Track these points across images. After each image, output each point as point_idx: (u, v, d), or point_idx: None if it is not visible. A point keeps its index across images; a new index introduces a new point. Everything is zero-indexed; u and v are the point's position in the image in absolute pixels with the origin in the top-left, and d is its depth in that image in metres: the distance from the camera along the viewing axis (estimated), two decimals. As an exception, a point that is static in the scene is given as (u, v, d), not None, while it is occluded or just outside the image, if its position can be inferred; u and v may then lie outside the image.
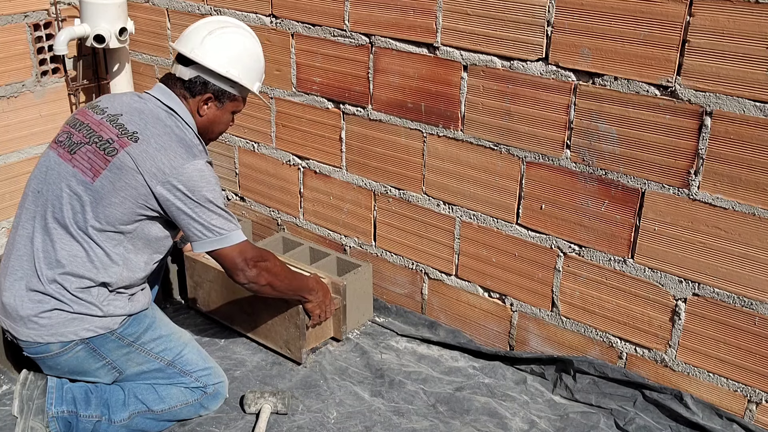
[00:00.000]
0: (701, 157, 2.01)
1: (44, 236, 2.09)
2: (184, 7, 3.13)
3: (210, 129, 2.28)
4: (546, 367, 2.47)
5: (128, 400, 2.17)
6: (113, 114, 2.14)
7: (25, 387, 2.11)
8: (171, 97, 2.19)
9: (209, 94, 2.20)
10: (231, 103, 2.26)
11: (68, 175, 2.09)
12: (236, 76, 2.19)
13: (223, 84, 2.20)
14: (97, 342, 2.11)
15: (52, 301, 2.06)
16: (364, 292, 2.78)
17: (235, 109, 2.30)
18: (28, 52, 3.13)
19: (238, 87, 2.23)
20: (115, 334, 2.14)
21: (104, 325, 2.11)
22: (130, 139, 2.07)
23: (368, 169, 2.76)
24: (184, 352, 2.27)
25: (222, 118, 2.27)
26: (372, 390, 2.44)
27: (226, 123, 2.31)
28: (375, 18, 2.52)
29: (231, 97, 2.24)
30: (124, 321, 2.15)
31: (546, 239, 2.38)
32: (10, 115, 3.14)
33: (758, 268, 2.02)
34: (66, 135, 2.16)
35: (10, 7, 3.04)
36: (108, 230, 2.07)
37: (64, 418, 2.08)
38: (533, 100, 2.26)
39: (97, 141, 2.10)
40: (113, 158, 2.05)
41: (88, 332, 2.09)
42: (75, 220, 2.07)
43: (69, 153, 2.12)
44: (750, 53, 1.86)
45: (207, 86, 2.19)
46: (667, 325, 2.23)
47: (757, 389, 2.12)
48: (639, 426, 2.23)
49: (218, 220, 2.10)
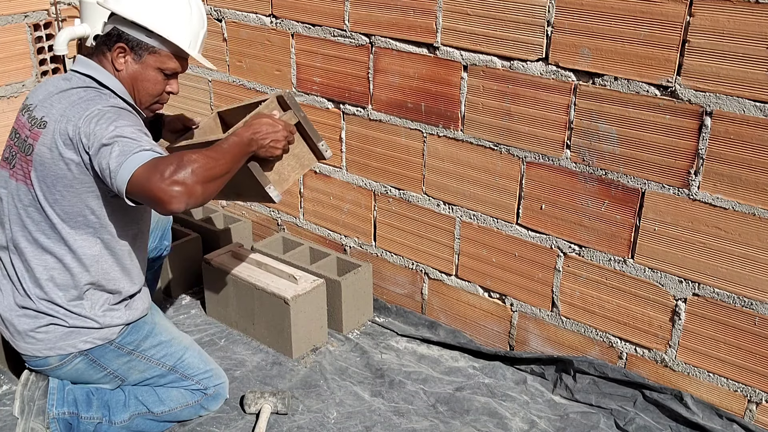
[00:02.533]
0: (701, 157, 2.01)
1: (19, 258, 2.04)
2: (184, 7, 3.13)
3: (136, 88, 2.04)
4: (546, 367, 2.47)
5: (129, 401, 2.17)
6: (31, 106, 2.01)
7: (27, 388, 2.10)
8: (88, 64, 2.02)
9: (122, 44, 1.98)
10: (152, 57, 2.01)
11: (15, 191, 2.01)
12: (148, 22, 1.95)
13: (138, 33, 1.98)
14: (97, 353, 2.09)
15: (46, 317, 2.03)
16: (364, 292, 2.78)
17: (161, 66, 2.03)
18: (28, 52, 3.14)
19: (157, 38, 1.99)
20: (114, 344, 2.11)
21: (102, 336, 2.08)
22: (40, 127, 1.94)
23: (368, 169, 2.76)
24: (185, 356, 2.24)
25: (145, 74, 2.02)
26: (372, 390, 2.44)
27: (154, 82, 2.04)
28: (375, 18, 2.52)
29: (150, 50, 2.00)
30: (123, 330, 2.12)
31: (546, 239, 2.38)
32: (10, 115, 3.14)
33: (758, 268, 2.02)
34: (8, 149, 2.07)
35: (10, 7, 3.04)
36: (80, 227, 1.98)
37: (64, 419, 2.07)
38: (533, 100, 2.26)
39: (21, 145, 1.99)
40: (32, 156, 1.94)
41: (87, 344, 2.06)
42: (42, 231, 1.99)
43: (10, 167, 2.03)
44: (750, 53, 1.86)
45: (121, 37, 1.98)
46: (667, 325, 2.23)
47: (757, 389, 2.12)
48: (639, 426, 2.23)
49: (118, 147, 1.81)
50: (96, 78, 2.00)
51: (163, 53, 2.02)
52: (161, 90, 2.08)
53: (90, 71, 2.01)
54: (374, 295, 2.86)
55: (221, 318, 2.79)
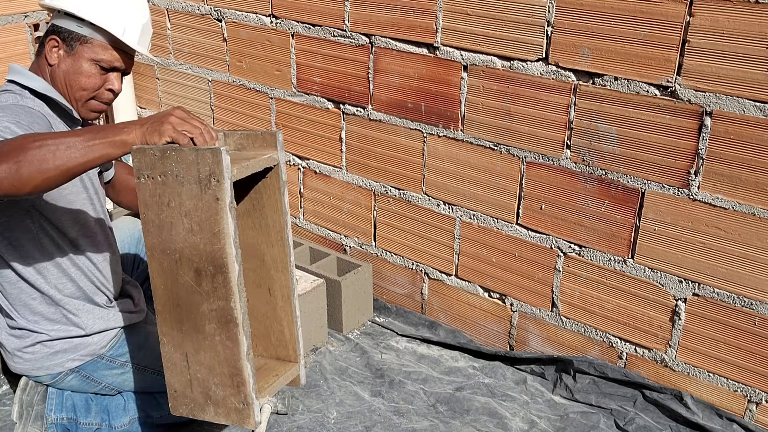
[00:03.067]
0: (701, 157, 2.01)
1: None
2: (184, 7, 3.13)
3: (68, 83, 1.92)
4: (546, 367, 2.47)
5: (128, 405, 2.14)
6: None
7: (25, 392, 2.07)
8: (12, 69, 1.92)
9: (54, 36, 1.89)
10: (84, 47, 1.89)
11: None
12: (75, 7, 1.84)
13: (69, 23, 1.88)
14: (88, 369, 2.06)
15: (33, 335, 2.00)
16: (364, 292, 2.78)
17: (94, 57, 1.90)
18: (29, 52, 3.14)
19: (89, 25, 1.87)
20: (105, 358, 2.07)
21: (90, 351, 2.04)
22: None
23: (368, 169, 2.76)
24: None
25: (76, 66, 1.90)
26: (372, 390, 2.44)
27: (87, 75, 1.91)
28: (375, 18, 2.52)
29: (81, 40, 1.88)
30: (112, 341, 2.08)
31: (546, 239, 2.39)
32: (10, 115, 3.14)
33: (758, 268, 2.02)
34: None
35: (10, 8, 3.04)
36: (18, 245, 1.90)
37: (63, 425, 2.04)
38: (533, 100, 2.26)
39: None
40: None
41: (75, 362, 2.03)
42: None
43: None
44: (750, 53, 1.86)
45: (54, 31, 1.90)
46: (667, 325, 2.23)
47: (757, 389, 2.12)
48: (639, 426, 2.23)
49: None
50: (16, 80, 1.91)
51: (95, 43, 1.90)
52: (97, 85, 1.94)
53: (12, 75, 1.92)
54: (374, 295, 2.87)
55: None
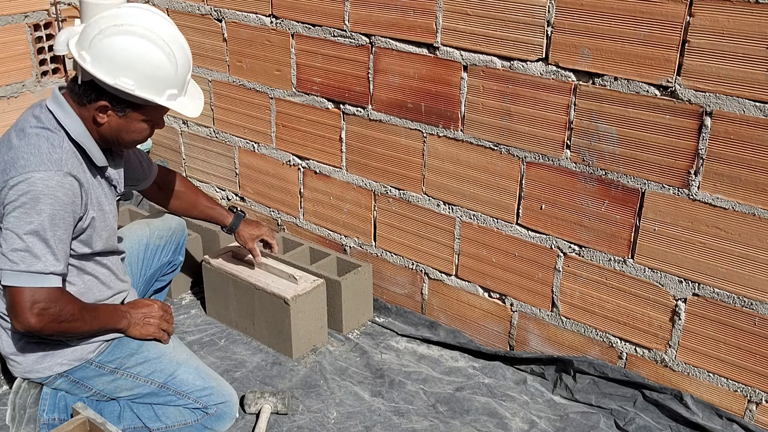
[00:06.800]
0: (701, 157, 2.01)
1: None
2: (184, 7, 3.13)
3: (118, 138, 1.98)
4: (546, 367, 2.47)
5: (123, 413, 2.11)
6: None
7: (18, 395, 2.07)
8: (57, 100, 1.93)
9: (104, 102, 1.90)
10: (136, 113, 1.93)
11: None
12: (130, 86, 1.85)
13: (119, 92, 1.88)
14: (77, 374, 2.05)
15: (24, 337, 2.00)
16: (364, 292, 2.78)
17: (149, 118, 1.97)
18: (29, 52, 3.13)
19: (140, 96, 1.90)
20: (94, 363, 2.06)
21: (78, 356, 2.03)
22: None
23: (368, 169, 2.76)
24: (177, 372, 2.11)
25: (130, 126, 1.95)
26: (372, 390, 2.44)
27: (141, 131, 1.98)
28: (375, 18, 2.52)
29: (134, 107, 1.92)
30: (101, 347, 2.07)
31: (546, 239, 2.38)
32: (10, 115, 3.14)
33: (758, 268, 2.02)
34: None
35: (10, 8, 3.04)
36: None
37: (55, 425, 2.02)
38: (533, 100, 2.26)
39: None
40: None
41: (63, 366, 2.03)
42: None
43: None
44: (750, 53, 1.86)
45: (102, 94, 1.89)
46: (667, 325, 2.23)
47: (757, 389, 2.12)
48: (639, 426, 2.23)
49: (21, 254, 1.82)
50: (54, 113, 1.93)
51: (149, 107, 1.94)
52: (148, 135, 2.02)
53: (53, 105, 1.94)
54: (374, 295, 2.86)
55: (221, 318, 2.79)
